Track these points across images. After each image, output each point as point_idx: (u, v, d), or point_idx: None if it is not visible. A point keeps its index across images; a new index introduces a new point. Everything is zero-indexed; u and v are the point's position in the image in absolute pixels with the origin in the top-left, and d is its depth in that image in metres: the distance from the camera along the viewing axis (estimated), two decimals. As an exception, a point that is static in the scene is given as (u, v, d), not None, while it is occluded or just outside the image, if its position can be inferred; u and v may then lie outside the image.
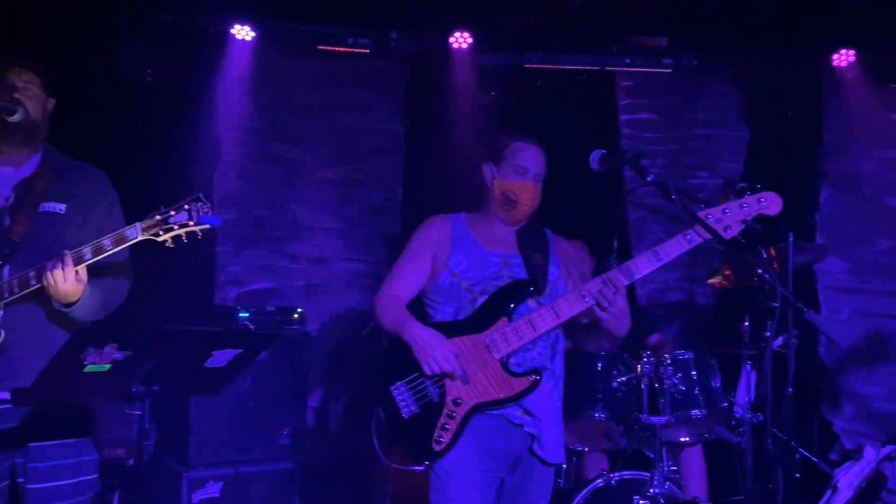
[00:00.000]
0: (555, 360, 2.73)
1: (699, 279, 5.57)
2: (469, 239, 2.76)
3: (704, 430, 3.95)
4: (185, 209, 2.35)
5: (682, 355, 3.91)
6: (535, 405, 2.65)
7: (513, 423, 2.64)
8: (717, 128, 5.69)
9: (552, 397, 2.72)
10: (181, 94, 4.97)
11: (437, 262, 2.72)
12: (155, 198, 3.03)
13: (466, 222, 2.81)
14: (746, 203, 2.57)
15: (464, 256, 2.71)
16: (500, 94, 5.38)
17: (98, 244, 2.35)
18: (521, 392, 2.58)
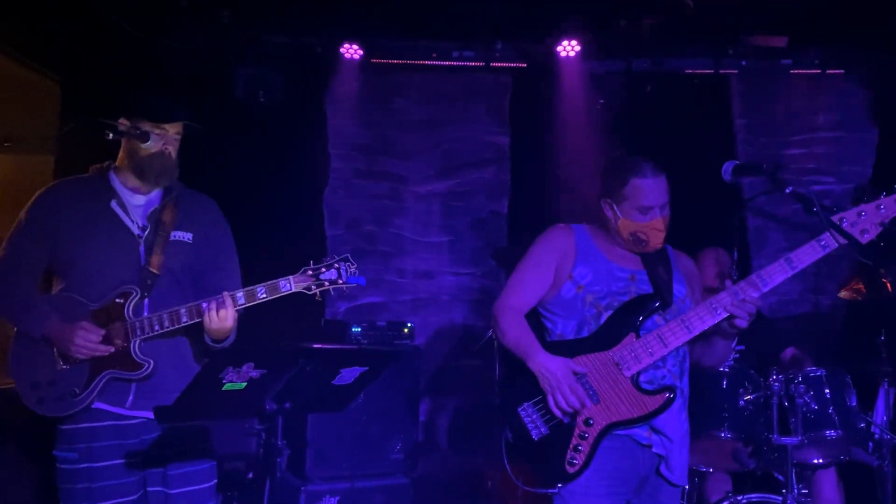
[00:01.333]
0: (683, 378, 2.69)
1: (825, 290, 5.33)
2: (594, 251, 2.72)
3: (840, 452, 3.80)
4: (335, 268, 2.57)
5: (815, 372, 3.77)
6: (665, 425, 2.61)
7: (640, 443, 2.61)
8: (843, 130, 5.45)
9: (681, 417, 2.68)
10: (292, 114, 5.15)
11: (561, 272, 2.69)
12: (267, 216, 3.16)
13: (590, 234, 2.77)
14: (884, 205, 2.48)
15: (589, 269, 2.68)
16: (608, 101, 5.33)
17: (252, 291, 2.55)
18: (655, 411, 2.54)
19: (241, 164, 4.91)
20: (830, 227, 2.45)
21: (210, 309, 2.51)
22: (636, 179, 2.63)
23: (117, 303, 2.56)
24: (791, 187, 2.48)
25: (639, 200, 2.63)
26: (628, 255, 2.73)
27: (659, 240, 2.67)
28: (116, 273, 2.60)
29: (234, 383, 2.26)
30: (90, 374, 2.56)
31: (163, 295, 2.63)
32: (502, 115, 5.45)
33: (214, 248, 2.77)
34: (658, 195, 2.64)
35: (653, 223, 2.64)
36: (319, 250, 5.26)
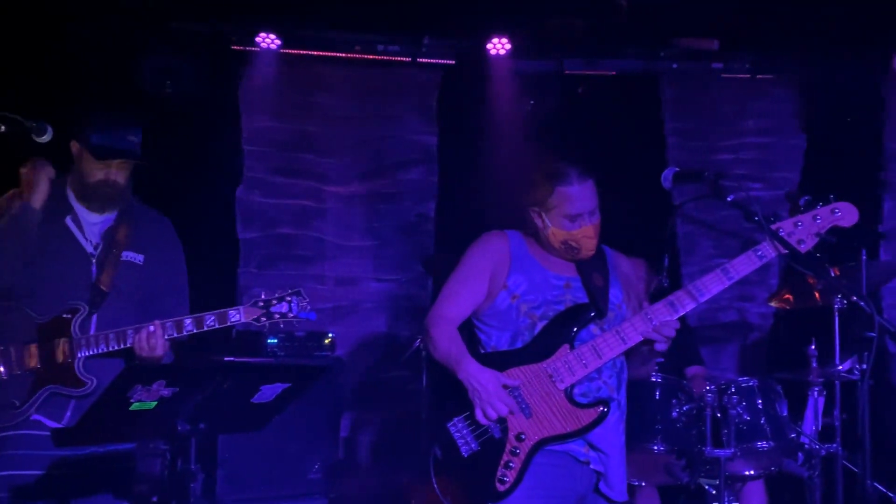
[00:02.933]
0: (620, 389, 2.71)
1: (753, 298, 5.53)
2: (529, 259, 2.73)
3: (771, 463, 3.92)
4: (286, 301, 2.66)
5: (747, 382, 3.88)
6: (601, 440, 2.62)
7: (578, 460, 2.62)
8: (772, 136, 5.67)
9: (618, 430, 2.70)
10: (202, 106, 5.01)
11: (495, 281, 2.69)
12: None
13: (524, 241, 2.78)
14: (820, 215, 2.55)
15: (524, 277, 2.69)
16: (539, 102, 5.39)
17: (201, 318, 2.62)
18: (589, 425, 2.56)
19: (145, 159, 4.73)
20: (772, 238, 2.50)
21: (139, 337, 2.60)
22: (562, 187, 2.64)
23: (64, 318, 2.64)
24: (733, 195, 2.53)
25: (566, 209, 2.64)
26: (563, 262, 2.75)
27: (591, 247, 2.69)
28: (67, 289, 2.68)
29: (143, 402, 2.18)
30: (32, 388, 2.62)
31: (112, 314, 2.70)
32: (430, 113, 5.44)
33: (166, 271, 2.85)
34: (586, 201, 2.66)
35: (583, 230, 2.66)
36: (231, 254, 5.17)
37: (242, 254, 5.17)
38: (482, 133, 5.29)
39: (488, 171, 5.16)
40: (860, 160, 5.61)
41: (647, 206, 4.80)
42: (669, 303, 2.57)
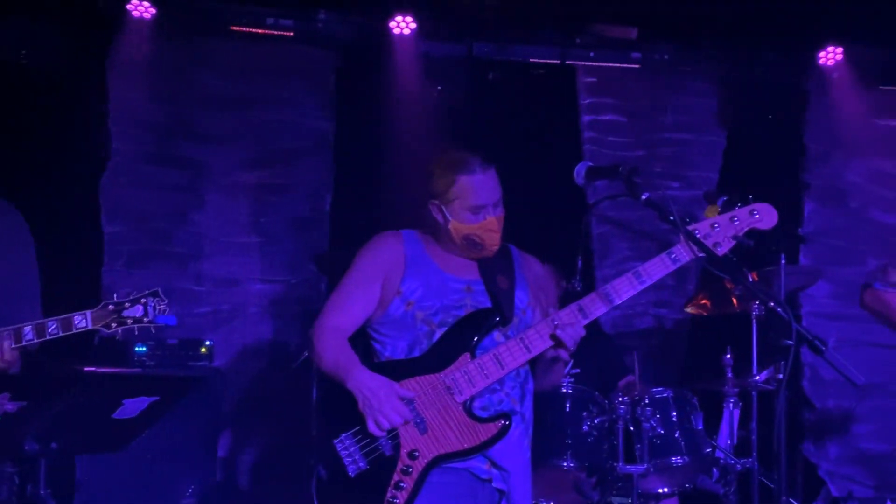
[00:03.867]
0: (524, 401, 2.74)
1: (670, 304, 5.70)
2: (425, 261, 2.75)
3: (685, 480, 4.01)
4: (140, 303, 2.55)
5: (661, 394, 3.97)
6: (503, 456, 2.64)
7: (479, 478, 2.63)
8: (691, 132, 5.86)
9: (522, 446, 2.72)
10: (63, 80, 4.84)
11: (389, 287, 2.70)
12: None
13: (422, 241, 2.79)
14: (738, 216, 2.62)
15: (420, 281, 2.70)
16: (446, 88, 5.41)
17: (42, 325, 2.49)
18: (489, 440, 2.57)
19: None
20: (687, 240, 2.56)
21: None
22: (464, 177, 2.65)
23: None
24: (647, 193, 2.57)
25: (469, 200, 2.65)
26: (464, 263, 2.76)
27: (495, 241, 2.72)
28: None
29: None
30: None
31: None
32: (326, 96, 5.40)
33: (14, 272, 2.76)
34: (489, 192, 2.68)
35: (486, 223, 2.68)
36: (93, 250, 5.00)
37: (107, 250, 5.03)
38: (384, 120, 5.27)
39: (390, 162, 5.15)
40: (782, 160, 5.88)
41: (561, 204, 4.89)
42: (578, 307, 2.61)
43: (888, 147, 5.89)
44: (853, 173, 5.88)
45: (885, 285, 3.30)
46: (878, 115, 5.89)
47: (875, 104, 5.85)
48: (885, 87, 5.88)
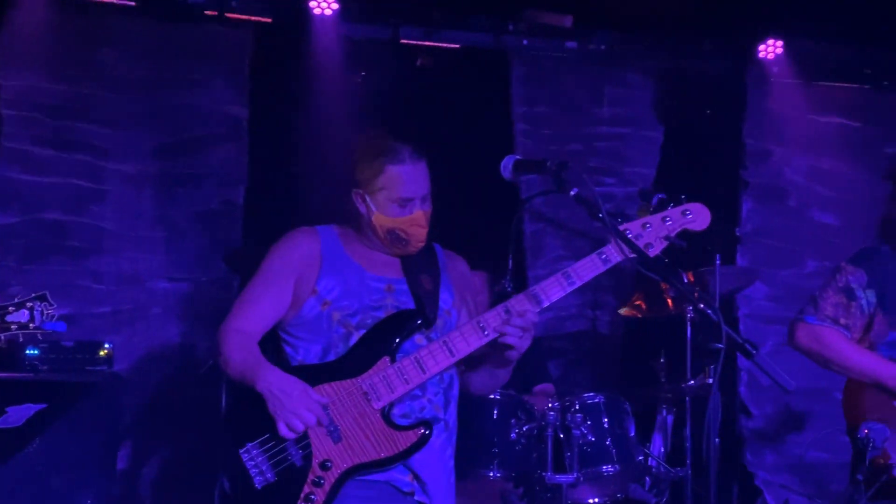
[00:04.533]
0: (448, 408, 2.74)
1: (604, 305, 5.79)
2: (344, 259, 2.74)
3: (617, 489, 4.08)
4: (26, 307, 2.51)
5: (593, 399, 4.03)
6: (424, 467, 2.64)
7: (401, 490, 2.62)
8: (628, 126, 5.97)
9: (444, 455, 2.73)
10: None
11: (303, 286, 2.68)
12: None
13: (340, 237, 2.79)
14: (670, 217, 2.65)
15: (337, 281, 2.69)
16: (371, 73, 5.39)
17: None
18: (407, 449, 2.57)
19: None
20: (617, 238, 2.60)
21: None
22: (392, 166, 2.66)
23: None
24: (577, 189, 2.59)
25: (396, 191, 2.66)
26: (385, 261, 2.76)
27: (421, 237, 2.72)
28: None
29: None
30: None
31: None
32: (240, 80, 5.34)
33: None
34: (418, 185, 2.69)
35: (413, 218, 2.68)
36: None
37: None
38: (303, 107, 5.24)
39: (309, 152, 5.12)
40: (720, 157, 6.02)
41: (492, 200, 4.90)
42: (506, 309, 2.62)
43: (829, 145, 6.08)
44: (793, 171, 6.05)
45: (820, 320, 3.19)
46: (819, 111, 6.06)
47: (816, 100, 6.03)
48: (826, 82, 6.06)
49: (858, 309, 3.17)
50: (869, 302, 3.17)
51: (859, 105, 6.13)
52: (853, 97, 6.12)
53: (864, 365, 3.12)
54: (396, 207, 2.67)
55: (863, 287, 3.17)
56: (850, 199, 6.06)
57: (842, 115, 6.11)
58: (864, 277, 3.18)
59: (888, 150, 6.09)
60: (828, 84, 6.07)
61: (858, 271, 3.19)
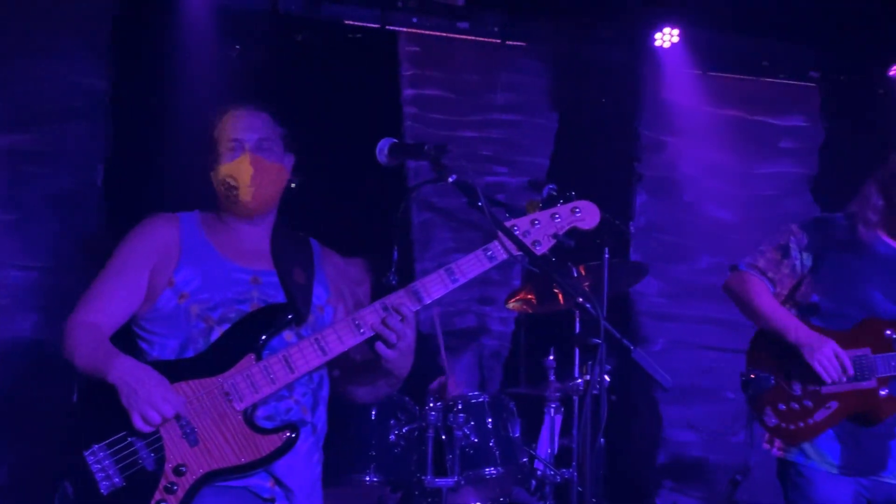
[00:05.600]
0: (317, 410, 2.72)
1: (495, 301, 5.68)
2: (205, 248, 2.69)
3: (500, 493, 4.05)
4: None
5: (477, 398, 3.99)
6: (287, 473, 2.59)
7: (261, 497, 2.57)
8: (522, 113, 5.88)
9: (311, 461, 2.69)
10: None
11: (158, 277, 2.63)
12: None
13: (202, 224, 2.74)
14: (559, 214, 2.64)
15: (197, 271, 2.64)
16: (246, 47, 5.19)
17: None
18: (271, 455, 2.50)
19: None
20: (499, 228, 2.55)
21: None
22: (228, 114, 2.73)
23: None
24: (455, 175, 2.54)
25: (228, 133, 2.70)
26: (254, 252, 2.71)
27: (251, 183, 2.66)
28: None
29: None
30: None
31: None
32: (100, 50, 5.05)
33: None
34: (252, 129, 2.71)
35: (240, 161, 2.66)
36: None
37: None
38: (170, 81, 5.00)
39: (176, 130, 4.87)
40: (615, 147, 6.00)
41: (378, 188, 4.75)
42: (384, 306, 2.57)
43: (725, 138, 6.11)
44: (687, 164, 6.07)
45: (750, 268, 3.35)
46: (716, 103, 6.11)
47: (712, 92, 6.06)
48: (723, 74, 6.11)
49: (790, 268, 3.32)
50: (803, 264, 3.30)
51: (756, 97, 6.19)
52: (750, 89, 6.18)
53: (773, 315, 3.25)
54: (228, 153, 2.69)
55: (800, 249, 3.31)
56: (745, 193, 6.11)
57: (738, 108, 6.18)
58: (805, 240, 3.31)
59: (783, 144, 6.15)
60: (724, 75, 6.13)
61: (801, 234, 3.33)
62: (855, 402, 3.13)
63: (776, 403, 3.19)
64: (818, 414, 3.14)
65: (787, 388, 3.19)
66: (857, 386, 3.12)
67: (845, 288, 3.24)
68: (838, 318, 3.21)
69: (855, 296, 3.22)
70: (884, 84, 6.12)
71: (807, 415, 3.15)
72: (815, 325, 3.22)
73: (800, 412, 3.16)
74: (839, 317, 3.21)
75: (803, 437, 3.15)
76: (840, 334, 3.16)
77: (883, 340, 3.14)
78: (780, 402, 3.19)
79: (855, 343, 3.14)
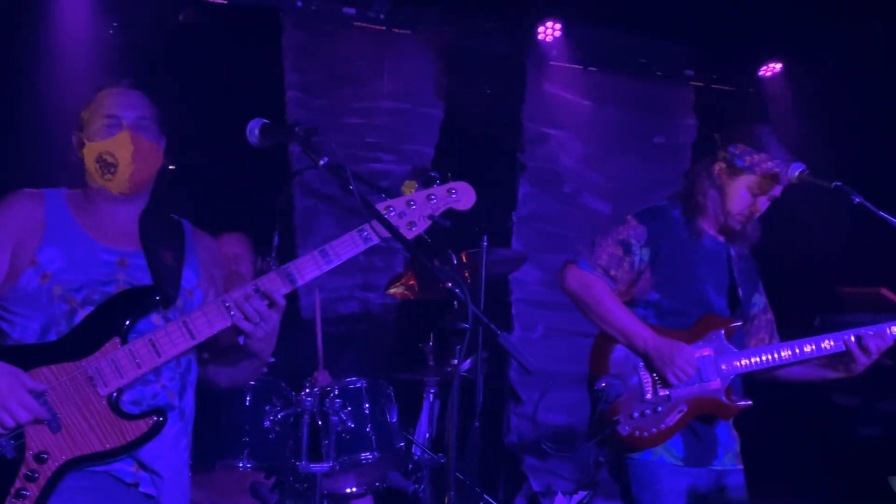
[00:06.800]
0: (185, 395, 2.65)
1: (378, 287, 5.69)
2: (71, 227, 2.59)
3: (376, 478, 4.03)
4: None
5: (354, 384, 3.95)
6: (154, 457, 2.54)
7: (123, 482, 2.50)
8: (408, 101, 5.87)
9: (178, 446, 2.64)
10: None
11: (20, 256, 2.53)
12: None
13: (67, 202, 2.64)
14: (435, 195, 2.62)
15: (61, 251, 2.54)
16: (124, 26, 5.07)
17: None
18: (137, 440, 2.44)
19: None
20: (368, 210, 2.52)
21: None
22: (103, 91, 2.65)
23: None
24: (326, 158, 2.49)
25: (102, 110, 2.62)
26: (122, 232, 2.62)
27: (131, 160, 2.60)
28: None
29: None
30: None
31: None
32: (-37, 25, 4.84)
33: None
34: (130, 107, 2.65)
35: (118, 138, 2.59)
36: None
37: None
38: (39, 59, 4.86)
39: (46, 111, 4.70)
40: (499, 138, 6.06)
41: (261, 172, 4.75)
42: (255, 287, 2.51)
43: (603, 132, 6.25)
44: (568, 156, 6.16)
45: (591, 267, 3.20)
46: (595, 98, 6.23)
47: (592, 87, 6.17)
48: (603, 69, 6.23)
49: (630, 264, 3.21)
50: (642, 259, 3.21)
51: (633, 94, 6.33)
52: (628, 86, 6.31)
53: (620, 321, 3.15)
54: (103, 130, 2.61)
55: (640, 244, 3.21)
56: (621, 186, 6.26)
57: (616, 103, 6.30)
58: (643, 235, 3.21)
59: (658, 139, 6.33)
60: (604, 71, 6.24)
61: (640, 227, 3.23)
62: (703, 403, 3.10)
63: (630, 411, 3.07)
64: (670, 418, 3.08)
65: (639, 394, 3.09)
66: (705, 387, 3.10)
67: (683, 284, 3.20)
68: (678, 316, 3.18)
69: (692, 292, 3.21)
70: (754, 84, 6.36)
71: (658, 420, 3.07)
72: (654, 326, 3.15)
73: (652, 418, 3.07)
74: (678, 314, 3.19)
75: (655, 443, 3.08)
76: (683, 334, 3.12)
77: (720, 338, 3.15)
78: (634, 409, 3.07)
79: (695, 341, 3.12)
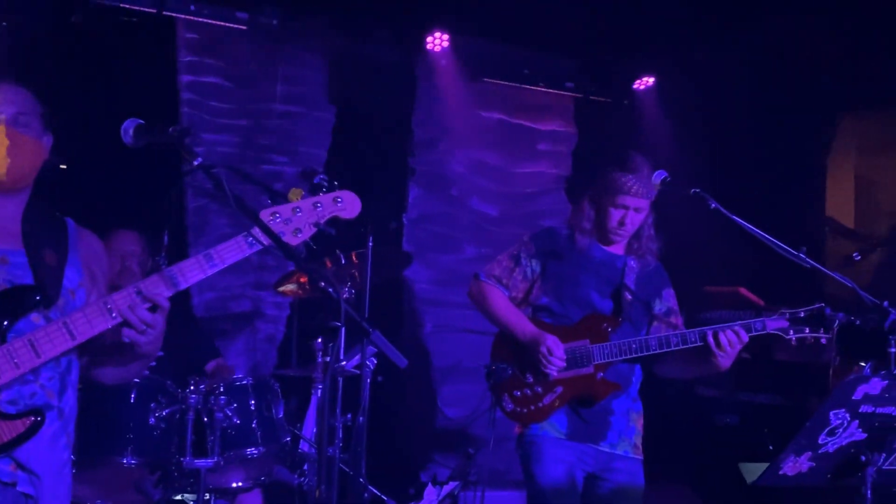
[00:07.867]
0: (64, 395, 2.61)
1: (270, 285, 5.73)
2: None
3: (262, 472, 4.07)
4: None
5: (240, 381, 3.99)
6: (32, 457, 2.50)
7: (1, 481, 2.46)
8: (301, 105, 5.93)
9: (58, 445, 2.60)
10: None
11: None
12: None
13: None
14: (321, 202, 2.65)
15: None
16: (12, 25, 4.95)
17: None
18: (14, 440, 2.42)
19: None
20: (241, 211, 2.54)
21: None
22: None
23: None
24: (201, 159, 2.52)
25: None
26: (3, 230, 2.56)
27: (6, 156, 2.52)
28: None
29: None
30: None
31: None
32: None
33: None
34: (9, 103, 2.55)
35: None
36: None
37: None
38: None
39: None
40: (391, 143, 6.17)
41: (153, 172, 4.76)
42: (137, 290, 2.50)
43: (490, 139, 6.43)
44: (456, 162, 6.33)
45: (487, 278, 3.63)
46: (482, 106, 6.40)
47: (479, 95, 6.34)
48: (489, 79, 6.39)
49: (521, 274, 3.63)
50: (533, 270, 3.62)
51: (517, 103, 6.52)
52: (512, 95, 6.50)
53: (506, 318, 3.58)
54: None
55: (529, 257, 3.63)
56: (506, 191, 6.46)
57: (502, 112, 6.48)
58: (532, 249, 3.63)
59: (541, 147, 6.56)
60: (490, 81, 6.40)
61: (531, 244, 3.65)
62: (577, 385, 3.46)
63: (512, 391, 3.49)
64: (547, 398, 3.46)
65: (522, 376, 3.49)
66: (578, 372, 3.44)
67: (568, 291, 3.56)
68: (564, 317, 3.54)
69: (575, 297, 3.55)
70: (628, 96, 6.64)
71: (537, 399, 3.46)
72: (545, 323, 3.53)
73: (532, 397, 3.47)
74: (564, 315, 3.54)
75: (536, 419, 3.47)
76: (564, 329, 3.49)
77: (601, 332, 3.48)
78: (516, 389, 3.49)
79: (576, 336, 3.47)
